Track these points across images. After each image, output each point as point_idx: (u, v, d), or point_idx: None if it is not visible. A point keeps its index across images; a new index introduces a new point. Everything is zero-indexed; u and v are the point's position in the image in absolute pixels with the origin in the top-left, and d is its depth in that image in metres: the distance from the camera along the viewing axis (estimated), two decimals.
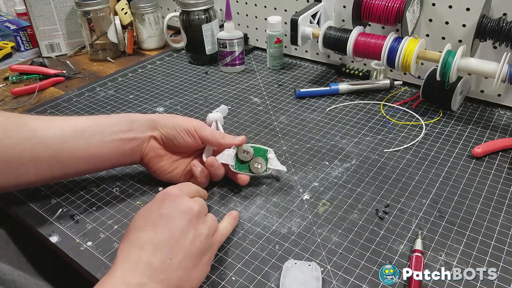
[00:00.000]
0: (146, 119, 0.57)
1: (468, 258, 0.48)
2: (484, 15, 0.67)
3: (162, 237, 0.42)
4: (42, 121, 0.53)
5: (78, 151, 0.53)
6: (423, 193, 0.58)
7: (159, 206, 0.44)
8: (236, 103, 0.84)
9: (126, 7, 1.12)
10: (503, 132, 0.71)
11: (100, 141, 0.54)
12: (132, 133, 0.56)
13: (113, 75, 0.99)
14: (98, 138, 0.54)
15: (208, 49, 1.00)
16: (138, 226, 0.43)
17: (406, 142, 0.69)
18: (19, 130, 0.51)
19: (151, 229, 0.42)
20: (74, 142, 0.53)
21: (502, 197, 0.57)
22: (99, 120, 0.56)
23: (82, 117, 0.57)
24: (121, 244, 0.43)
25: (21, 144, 0.50)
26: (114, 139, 0.55)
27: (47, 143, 0.51)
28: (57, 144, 0.52)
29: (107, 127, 0.55)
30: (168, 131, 0.57)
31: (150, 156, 0.58)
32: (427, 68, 0.80)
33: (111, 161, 0.56)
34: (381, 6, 0.76)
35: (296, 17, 0.83)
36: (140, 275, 0.39)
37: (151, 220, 0.43)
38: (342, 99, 0.83)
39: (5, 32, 1.19)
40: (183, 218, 0.44)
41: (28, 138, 0.50)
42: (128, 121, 0.56)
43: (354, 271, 0.47)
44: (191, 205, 0.45)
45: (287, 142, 0.70)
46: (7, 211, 0.59)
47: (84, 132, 0.53)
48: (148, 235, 0.42)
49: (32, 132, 0.51)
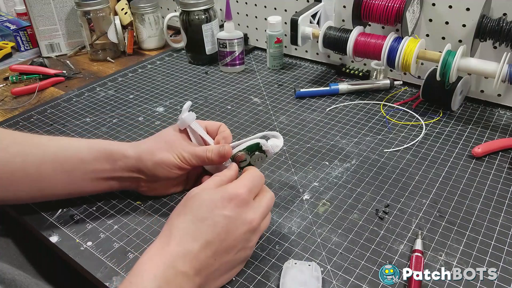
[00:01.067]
0: (128, 158, 0.52)
1: (468, 258, 0.48)
2: (484, 15, 0.67)
3: (218, 237, 0.42)
4: (21, 145, 0.51)
5: (59, 183, 0.52)
6: (423, 193, 0.58)
7: (225, 205, 0.43)
8: (236, 103, 0.84)
9: (126, 7, 1.12)
10: (503, 132, 0.71)
11: (82, 178, 0.52)
12: (117, 173, 0.53)
13: (113, 75, 0.99)
14: (80, 174, 0.52)
15: (208, 49, 1.00)
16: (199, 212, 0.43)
17: (406, 142, 0.69)
18: None
19: (211, 224, 0.42)
20: (54, 175, 0.51)
21: (502, 197, 0.57)
22: (80, 154, 0.52)
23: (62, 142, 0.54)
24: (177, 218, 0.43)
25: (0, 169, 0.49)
26: (97, 177, 0.53)
27: (26, 171, 0.50)
28: (36, 173, 0.51)
29: (88, 164, 0.52)
30: (154, 171, 0.52)
31: (142, 190, 0.56)
32: (427, 68, 0.80)
33: (96, 190, 0.55)
34: (381, 6, 0.76)
35: (296, 17, 0.83)
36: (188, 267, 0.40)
37: (212, 214, 0.42)
38: (342, 99, 0.83)
39: (5, 32, 1.19)
40: (242, 228, 0.43)
41: (6, 164, 0.50)
42: (111, 160, 0.52)
43: (354, 271, 0.47)
44: (254, 218, 0.44)
45: (287, 142, 0.70)
46: (8, 211, 0.59)
47: (64, 165, 0.52)
48: (206, 228, 0.42)
49: (11, 157, 0.50)
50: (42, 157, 0.51)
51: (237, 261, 0.45)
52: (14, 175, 0.50)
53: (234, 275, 0.46)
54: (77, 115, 0.82)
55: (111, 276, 0.47)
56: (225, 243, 0.42)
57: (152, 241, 0.49)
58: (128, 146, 0.53)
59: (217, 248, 0.42)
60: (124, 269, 0.48)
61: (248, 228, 0.44)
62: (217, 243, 0.42)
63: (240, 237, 0.43)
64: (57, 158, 0.52)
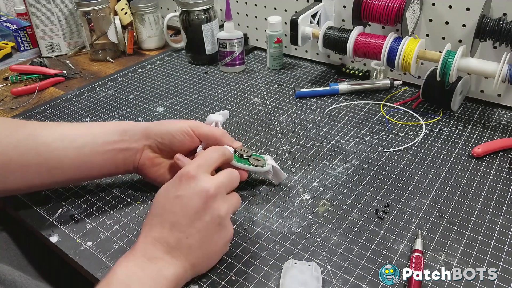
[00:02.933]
0: (139, 127, 0.56)
1: (468, 258, 0.48)
2: (484, 15, 0.67)
3: (178, 217, 0.44)
4: (31, 128, 0.52)
5: (68, 160, 0.52)
6: (423, 193, 0.58)
7: (177, 187, 0.45)
8: (236, 103, 0.84)
9: (126, 7, 1.12)
10: (503, 132, 0.71)
11: (91, 151, 0.53)
12: (125, 143, 0.54)
13: (113, 75, 0.99)
14: (89, 147, 0.53)
15: (208, 49, 1.00)
16: (159, 205, 0.45)
17: (406, 142, 0.69)
18: (7, 137, 0.50)
19: (169, 208, 0.44)
20: (65, 151, 0.52)
21: (502, 197, 0.57)
22: (91, 129, 0.54)
23: (74, 124, 0.56)
24: (145, 220, 0.46)
25: (10, 151, 0.49)
26: (106, 149, 0.54)
27: (36, 151, 0.51)
28: (46, 152, 0.51)
29: (98, 137, 0.54)
30: (163, 137, 0.55)
31: (146, 166, 0.56)
32: (427, 68, 0.80)
33: (102, 171, 0.55)
34: (381, 6, 0.76)
35: (296, 17, 0.83)
36: (158, 250, 0.43)
37: (168, 200, 0.45)
38: (342, 99, 0.83)
39: (5, 32, 1.19)
40: (198, 199, 0.44)
41: (16, 145, 0.50)
42: (120, 130, 0.55)
43: (354, 271, 0.47)
44: (206, 186, 0.45)
45: (287, 142, 0.70)
46: (8, 211, 0.60)
47: (75, 141, 0.52)
48: (167, 215, 0.44)
49: (22, 139, 0.50)
50: (53, 136, 0.52)
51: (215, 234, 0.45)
52: (24, 155, 0.50)
53: (226, 245, 0.47)
54: (77, 115, 0.82)
55: None
56: (187, 218, 0.44)
57: None
58: None
59: (183, 225, 0.43)
60: None
61: (206, 196, 0.44)
62: (181, 220, 0.44)
63: (200, 207, 0.44)
64: (69, 135, 0.53)
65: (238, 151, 0.57)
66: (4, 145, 0.49)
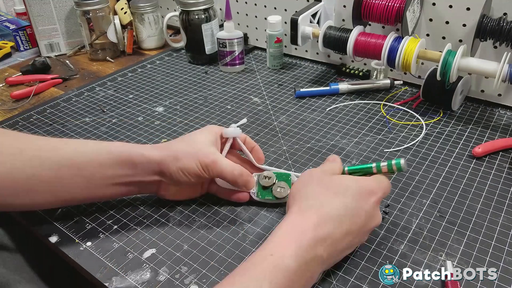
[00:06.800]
0: (150, 161, 0.51)
1: (468, 258, 0.48)
2: (485, 15, 0.67)
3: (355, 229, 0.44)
4: (36, 149, 0.49)
5: (77, 189, 0.50)
6: (423, 193, 0.58)
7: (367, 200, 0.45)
8: (236, 103, 0.83)
9: (126, 7, 1.12)
10: (503, 132, 0.71)
11: (101, 183, 0.50)
12: (137, 177, 0.52)
13: (113, 74, 0.99)
14: (99, 179, 0.50)
15: (208, 48, 0.99)
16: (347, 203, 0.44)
17: (406, 142, 0.69)
18: (12, 157, 0.47)
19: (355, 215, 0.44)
20: (72, 180, 0.49)
21: (502, 197, 0.57)
22: (99, 158, 0.50)
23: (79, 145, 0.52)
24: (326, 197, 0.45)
25: (15, 174, 0.46)
26: (117, 182, 0.51)
27: (42, 177, 0.48)
28: (52, 179, 0.48)
29: (108, 169, 0.50)
30: (176, 176, 0.51)
31: (161, 194, 0.55)
32: (427, 68, 0.80)
33: (114, 196, 0.55)
34: (381, 5, 0.76)
35: (296, 16, 0.83)
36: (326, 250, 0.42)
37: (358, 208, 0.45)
38: (342, 99, 0.83)
39: (4, 31, 1.19)
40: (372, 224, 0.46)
41: (22, 169, 0.47)
42: (131, 164, 0.51)
43: (354, 271, 0.47)
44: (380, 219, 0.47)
45: (287, 142, 0.70)
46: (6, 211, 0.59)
47: (83, 170, 0.49)
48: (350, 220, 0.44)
49: (27, 161, 0.47)
50: (59, 162, 0.49)
51: None
52: (30, 180, 0.47)
53: None
54: (77, 115, 0.82)
55: (111, 277, 0.47)
56: (360, 234, 0.45)
57: None
58: (151, 148, 0.52)
59: (353, 238, 0.44)
60: (123, 269, 0.48)
61: (375, 225, 0.47)
62: (354, 233, 0.44)
63: (368, 231, 0.47)
64: (75, 163, 0.49)
65: (261, 181, 0.55)
66: (8, 168, 0.46)
